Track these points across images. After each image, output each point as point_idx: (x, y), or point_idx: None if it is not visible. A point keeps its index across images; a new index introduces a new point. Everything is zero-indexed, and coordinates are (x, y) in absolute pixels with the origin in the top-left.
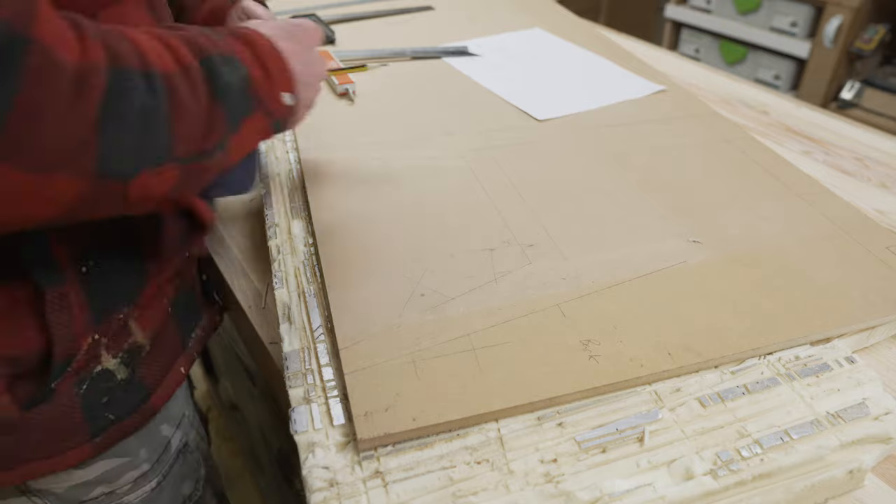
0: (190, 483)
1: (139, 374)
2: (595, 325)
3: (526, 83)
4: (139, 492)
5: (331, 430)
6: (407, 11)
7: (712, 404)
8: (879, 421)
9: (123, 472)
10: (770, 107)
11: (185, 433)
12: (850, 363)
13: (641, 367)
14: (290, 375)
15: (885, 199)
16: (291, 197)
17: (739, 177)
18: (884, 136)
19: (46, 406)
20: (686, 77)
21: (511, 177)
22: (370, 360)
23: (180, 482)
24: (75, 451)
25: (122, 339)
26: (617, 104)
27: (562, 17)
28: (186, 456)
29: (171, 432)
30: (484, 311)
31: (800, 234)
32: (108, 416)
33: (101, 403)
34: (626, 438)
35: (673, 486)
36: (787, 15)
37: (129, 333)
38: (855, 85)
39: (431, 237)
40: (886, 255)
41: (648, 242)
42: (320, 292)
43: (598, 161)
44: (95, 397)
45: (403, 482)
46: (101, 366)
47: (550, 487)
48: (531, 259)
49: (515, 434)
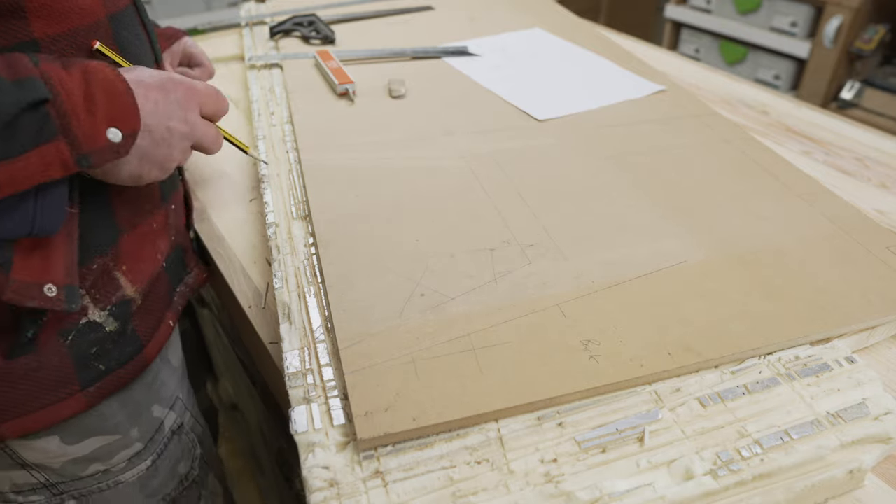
0: (186, 463)
1: (132, 325)
2: (595, 325)
3: (526, 83)
4: (134, 470)
5: (331, 430)
6: (407, 11)
7: (712, 404)
8: (879, 421)
9: (117, 451)
10: (770, 107)
11: (179, 415)
12: (850, 363)
13: (641, 367)
14: (290, 375)
15: (885, 199)
16: (291, 197)
17: (739, 177)
18: (884, 136)
19: (33, 356)
20: (686, 77)
21: (511, 177)
22: (370, 360)
23: (176, 461)
24: (68, 401)
25: (110, 292)
26: (617, 104)
27: (562, 17)
28: (181, 436)
29: (163, 413)
30: (484, 311)
31: (800, 234)
32: (99, 366)
33: (91, 354)
34: (626, 438)
35: (673, 486)
36: (787, 15)
37: (118, 286)
38: (855, 85)
39: (431, 237)
40: (886, 255)
41: (648, 242)
42: (320, 292)
43: (598, 161)
44: (84, 348)
45: (403, 482)
46: (86, 318)
47: (550, 487)
48: (531, 259)
49: (515, 434)
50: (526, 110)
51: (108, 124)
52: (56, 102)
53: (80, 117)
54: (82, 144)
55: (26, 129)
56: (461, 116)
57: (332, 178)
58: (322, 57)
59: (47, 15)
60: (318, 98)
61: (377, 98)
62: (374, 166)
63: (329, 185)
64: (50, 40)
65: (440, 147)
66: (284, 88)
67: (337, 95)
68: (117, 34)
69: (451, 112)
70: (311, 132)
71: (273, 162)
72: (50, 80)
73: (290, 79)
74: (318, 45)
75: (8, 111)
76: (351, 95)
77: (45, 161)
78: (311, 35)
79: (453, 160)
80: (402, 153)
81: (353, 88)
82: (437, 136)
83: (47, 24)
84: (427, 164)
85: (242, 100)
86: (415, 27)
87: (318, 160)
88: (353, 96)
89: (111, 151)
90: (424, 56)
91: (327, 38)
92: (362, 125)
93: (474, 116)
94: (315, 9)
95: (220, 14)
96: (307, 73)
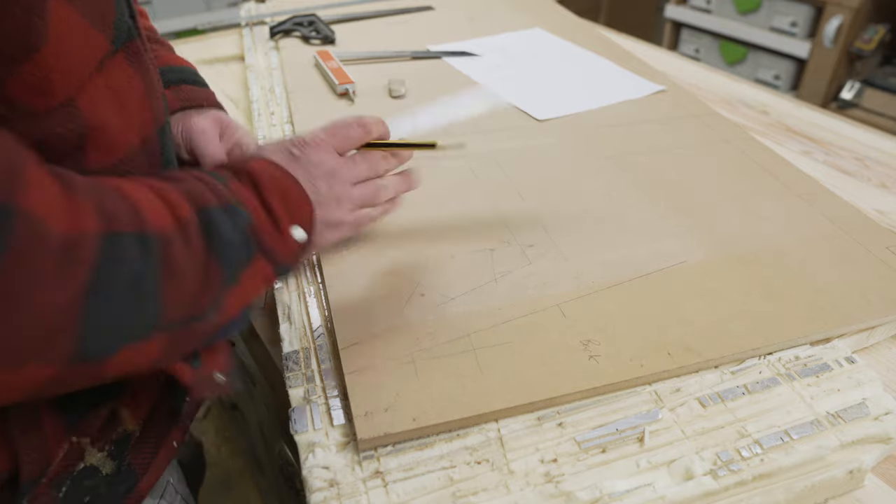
0: None
1: (127, 460)
2: (595, 325)
3: (526, 83)
4: None
5: (331, 430)
6: (407, 11)
7: (712, 404)
8: (879, 421)
9: None
10: (770, 107)
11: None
12: (850, 363)
13: (641, 367)
14: (290, 375)
15: (885, 199)
16: None
17: (739, 177)
18: (884, 136)
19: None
20: (686, 77)
21: (511, 177)
22: (370, 360)
23: None
24: None
25: (111, 431)
26: (617, 104)
27: (562, 17)
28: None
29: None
30: (484, 311)
31: (800, 233)
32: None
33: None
34: (626, 438)
35: (673, 486)
36: (787, 15)
37: (119, 423)
38: (855, 85)
39: (431, 237)
40: (886, 255)
41: (648, 242)
42: (320, 292)
43: (598, 161)
44: (76, 498)
45: (403, 482)
46: (83, 463)
47: (550, 487)
48: (531, 259)
49: (515, 434)
50: (526, 110)
51: (291, 223)
52: (254, 222)
53: (268, 229)
54: (277, 256)
55: (240, 254)
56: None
57: None
58: (322, 57)
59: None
60: (318, 98)
61: (377, 98)
62: None
63: None
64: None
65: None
66: (284, 88)
67: (337, 95)
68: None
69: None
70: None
71: None
72: (242, 199)
73: (290, 79)
74: (318, 45)
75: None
76: (351, 95)
77: (255, 281)
78: (311, 35)
79: (453, 160)
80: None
81: (353, 88)
82: (437, 136)
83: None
84: (427, 164)
85: (242, 100)
86: (415, 27)
87: None
88: (353, 96)
89: (302, 251)
90: (424, 56)
91: (327, 38)
92: None
93: (474, 116)
94: (315, 9)
95: (220, 14)
96: (307, 73)
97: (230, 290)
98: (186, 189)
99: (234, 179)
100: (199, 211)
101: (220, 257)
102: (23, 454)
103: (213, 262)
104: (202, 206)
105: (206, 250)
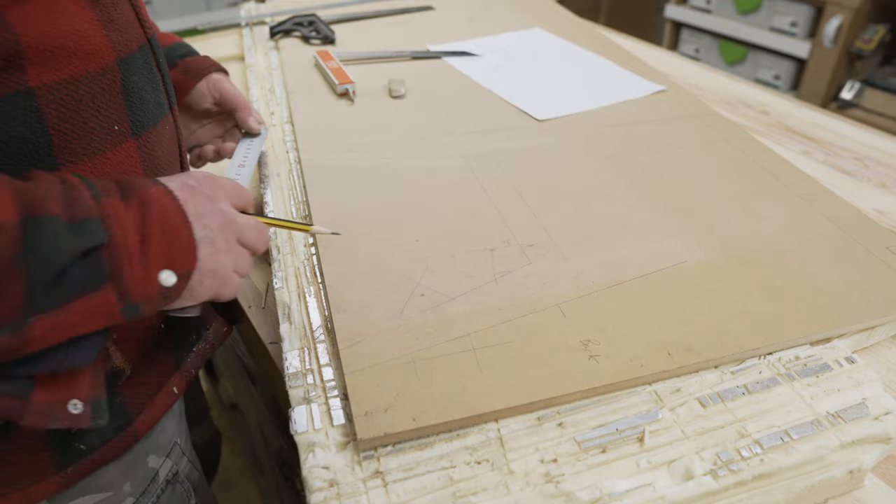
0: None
1: (119, 398)
2: (595, 325)
3: (526, 83)
4: None
5: (331, 430)
6: (407, 11)
7: (712, 404)
8: (879, 421)
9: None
10: (770, 107)
11: (175, 462)
12: (850, 363)
13: (641, 367)
14: (290, 375)
15: (885, 199)
16: (291, 197)
17: (739, 177)
18: (884, 136)
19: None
20: (686, 77)
21: (511, 177)
22: (370, 360)
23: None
24: (40, 485)
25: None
26: (617, 104)
27: (562, 17)
28: (175, 486)
29: (159, 462)
30: (484, 311)
31: (800, 233)
32: (79, 446)
33: (71, 434)
34: (626, 438)
35: (673, 486)
36: (787, 15)
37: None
38: (855, 85)
39: (431, 237)
40: (886, 255)
41: (648, 242)
42: (320, 292)
43: (598, 161)
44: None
45: (403, 482)
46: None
47: (550, 487)
48: (531, 259)
49: (515, 434)
50: (526, 110)
51: (162, 267)
52: (110, 245)
53: (133, 262)
54: (132, 293)
55: (75, 277)
56: (461, 116)
57: (332, 178)
58: (322, 57)
59: (46, 61)
60: (318, 98)
61: (377, 98)
62: (374, 166)
63: (329, 185)
64: (46, 89)
65: (440, 147)
66: (284, 88)
67: (337, 95)
68: (126, 80)
69: (451, 112)
70: (311, 132)
71: (273, 162)
72: (108, 219)
73: (290, 79)
74: (318, 45)
75: (61, 260)
76: (351, 95)
77: (89, 313)
78: (311, 35)
79: (453, 160)
80: (402, 153)
81: (353, 88)
82: (437, 136)
83: (45, 70)
84: (427, 164)
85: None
86: (415, 27)
87: (318, 160)
88: (353, 96)
89: (162, 298)
90: (424, 56)
91: (327, 38)
92: (362, 125)
93: (474, 116)
94: (315, 9)
95: (220, 14)
96: (307, 73)
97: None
98: (28, 192)
99: (116, 198)
100: (25, 217)
101: (28, 272)
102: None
103: (16, 274)
104: (34, 213)
105: (10, 259)
